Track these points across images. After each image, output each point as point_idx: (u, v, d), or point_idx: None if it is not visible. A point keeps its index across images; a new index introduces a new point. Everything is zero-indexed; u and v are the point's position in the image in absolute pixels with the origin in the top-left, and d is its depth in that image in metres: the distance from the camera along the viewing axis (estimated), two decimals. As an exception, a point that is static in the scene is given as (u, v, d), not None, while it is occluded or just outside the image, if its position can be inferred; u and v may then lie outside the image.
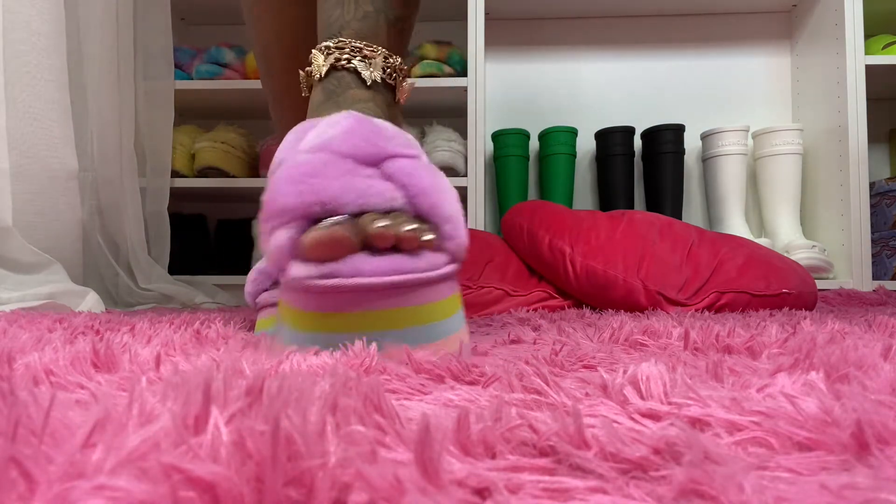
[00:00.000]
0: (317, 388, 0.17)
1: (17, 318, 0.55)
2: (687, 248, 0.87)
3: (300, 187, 0.29)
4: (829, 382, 0.23)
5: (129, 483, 0.11)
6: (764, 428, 0.17)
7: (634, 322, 0.49)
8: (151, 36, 1.35)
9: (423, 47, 1.48)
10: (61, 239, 0.98)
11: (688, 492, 0.13)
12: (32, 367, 0.26)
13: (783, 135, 1.47)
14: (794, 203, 1.48)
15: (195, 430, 0.13)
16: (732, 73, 1.66)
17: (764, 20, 1.65)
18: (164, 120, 1.38)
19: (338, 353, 0.29)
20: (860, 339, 0.36)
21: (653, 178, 1.54)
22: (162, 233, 1.36)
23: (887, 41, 1.43)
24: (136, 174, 1.27)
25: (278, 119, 0.60)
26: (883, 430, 0.16)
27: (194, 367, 0.27)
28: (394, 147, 0.31)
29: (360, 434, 0.15)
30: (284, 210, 0.28)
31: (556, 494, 0.14)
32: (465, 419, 0.16)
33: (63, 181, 0.99)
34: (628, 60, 1.68)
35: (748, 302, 0.82)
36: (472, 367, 0.28)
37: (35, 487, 0.12)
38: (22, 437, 0.13)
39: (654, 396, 0.20)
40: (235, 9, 0.62)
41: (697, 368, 0.28)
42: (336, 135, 0.31)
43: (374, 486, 0.12)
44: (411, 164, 0.31)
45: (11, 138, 0.89)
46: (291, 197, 0.29)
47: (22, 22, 0.92)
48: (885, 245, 1.46)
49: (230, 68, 1.48)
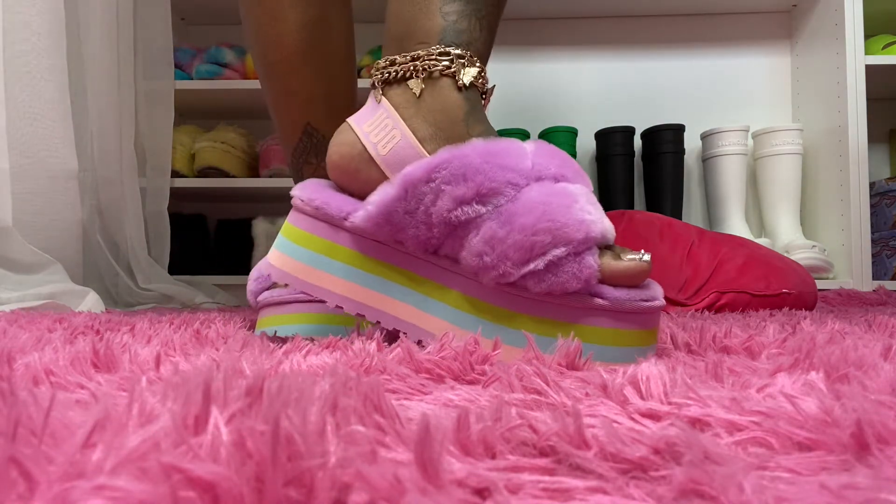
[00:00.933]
0: (317, 388, 0.17)
1: (17, 318, 0.55)
2: (687, 248, 0.88)
3: (590, 217, 0.34)
4: (829, 382, 0.23)
5: (129, 483, 0.11)
6: (764, 428, 0.17)
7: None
8: (151, 36, 1.35)
9: (423, 47, 1.47)
10: (61, 239, 0.98)
11: (688, 492, 0.13)
12: (32, 367, 0.26)
13: (783, 135, 1.47)
14: (794, 203, 1.48)
15: (195, 430, 0.13)
16: (732, 73, 1.66)
17: (764, 20, 1.65)
18: (164, 120, 1.38)
19: (337, 353, 0.29)
20: (860, 339, 0.36)
21: (653, 178, 1.54)
22: (162, 233, 1.36)
23: (887, 41, 1.43)
24: (136, 174, 1.27)
25: (279, 122, 0.60)
26: (883, 430, 0.16)
27: (194, 367, 0.27)
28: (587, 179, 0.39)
29: (360, 434, 0.15)
30: (589, 237, 0.34)
31: (556, 494, 0.14)
32: (465, 419, 0.16)
33: (63, 181, 0.99)
34: (628, 60, 1.68)
35: (748, 302, 0.82)
36: (472, 367, 0.28)
37: (35, 487, 0.12)
38: (22, 437, 0.13)
39: (654, 396, 0.20)
40: (235, 9, 0.61)
41: (697, 368, 0.28)
42: (570, 171, 0.37)
43: (374, 486, 0.12)
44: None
45: (11, 138, 0.89)
46: (588, 225, 0.34)
47: (22, 22, 0.92)
48: (885, 245, 1.46)
49: (230, 68, 1.48)
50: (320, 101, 0.59)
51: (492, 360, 0.30)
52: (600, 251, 0.35)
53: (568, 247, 0.33)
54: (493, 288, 0.35)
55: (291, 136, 0.59)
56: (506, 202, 0.35)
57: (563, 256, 0.33)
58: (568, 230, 0.33)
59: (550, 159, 0.37)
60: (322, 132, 0.59)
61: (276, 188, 1.47)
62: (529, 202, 0.34)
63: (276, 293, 0.49)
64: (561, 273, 0.33)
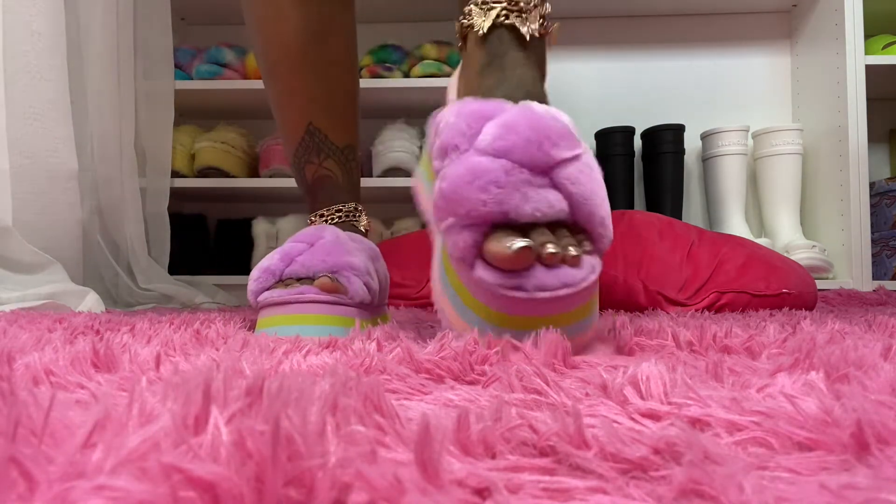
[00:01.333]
0: (317, 388, 0.17)
1: (17, 318, 0.55)
2: (687, 248, 0.88)
3: (484, 196, 0.33)
4: (829, 382, 0.23)
5: (129, 483, 0.11)
6: (764, 428, 0.17)
7: (634, 322, 0.49)
8: (151, 36, 1.35)
9: (423, 47, 1.47)
10: (61, 239, 0.98)
11: (688, 492, 0.13)
12: (32, 367, 0.26)
13: (783, 135, 1.47)
14: (794, 203, 1.48)
15: (195, 430, 0.13)
16: (732, 73, 1.66)
17: (764, 20, 1.65)
18: (164, 120, 1.38)
19: (337, 353, 0.29)
20: (860, 339, 0.36)
21: (653, 178, 1.54)
22: (162, 233, 1.36)
23: (887, 41, 1.43)
24: (136, 174, 1.27)
25: (281, 121, 0.61)
26: (883, 430, 0.16)
27: (194, 367, 0.27)
28: (562, 152, 0.35)
29: (360, 434, 0.15)
30: (470, 214, 0.33)
31: (556, 494, 0.14)
32: (465, 419, 0.16)
33: (63, 181, 0.99)
34: (628, 60, 1.68)
35: (748, 302, 0.82)
36: (472, 367, 0.28)
37: (35, 487, 0.12)
38: (22, 437, 0.13)
39: (654, 396, 0.20)
40: (235, 9, 0.62)
41: (697, 368, 0.28)
42: (517, 143, 0.34)
43: (374, 486, 0.12)
44: (576, 170, 0.35)
45: (11, 138, 0.89)
46: (478, 203, 0.33)
47: (22, 22, 0.92)
48: (885, 245, 1.46)
49: (230, 68, 1.48)
50: (322, 101, 0.59)
51: (491, 360, 0.30)
52: (504, 231, 0.34)
53: (455, 219, 0.34)
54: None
55: (293, 136, 0.59)
56: (449, 164, 0.36)
57: (452, 226, 0.34)
58: (458, 205, 0.34)
59: (506, 131, 0.35)
60: (324, 132, 0.59)
61: (276, 188, 1.47)
62: (454, 168, 0.35)
63: (277, 293, 0.49)
64: (450, 240, 0.35)
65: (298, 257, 0.50)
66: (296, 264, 0.49)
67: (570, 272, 0.34)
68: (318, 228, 0.53)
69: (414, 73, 1.46)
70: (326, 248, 0.50)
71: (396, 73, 1.46)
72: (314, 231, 0.52)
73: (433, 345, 0.31)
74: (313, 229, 0.53)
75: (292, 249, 0.50)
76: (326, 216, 0.59)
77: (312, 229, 0.53)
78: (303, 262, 0.49)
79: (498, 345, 0.32)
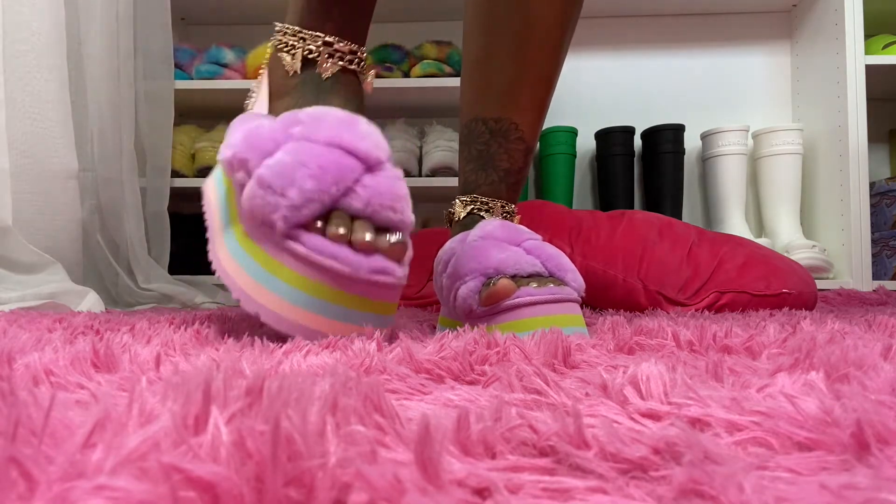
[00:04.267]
0: (317, 388, 0.17)
1: (17, 318, 0.55)
2: (687, 248, 0.87)
3: (481, 261, 0.46)
4: (829, 382, 0.23)
5: (129, 483, 0.11)
6: (764, 428, 0.17)
7: (633, 322, 0.49)
8: (151, 36, 1.35)
9: (423, 47, 1.47)
10: (61, 239, 0.98)
11: (688, 492, 0.13)
12: (32, 367, 0.26)
13: (783, 135, 1.47)
14: (793, 203, 1.48)
15: (195, 430, 0.13)
16: (732, 73, 1.66)
17: (764, 20, 1.65)
18: (164, 120, 1.38)
19: (337, 353, 0.29)
20: (860, 339, 0.36)
21: (653, 178, 1.54)
22: (162, 233, 1.36)
23: (887, 41, 1.43)
24: (136, 174, 1.27)
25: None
26: (883, 430, 0.16)
27: (194, 367, 0.27)
28: (526, 236, 0.50)
29: (360, 434, 0.15)
30: (474, 270, 0.46)
31: (556, 494, 0.14)
32: (465, 419, 0.16)
33: (63, 181, 0.99)
34: (628, 60, 1.68)
35: (748, 302, 0.82)
36: (472, 367, 0.28)
37: (35, 487, 0.12)
38: (22, 437, 0.13)
39: (654, 396, 0.20)
40: (235, 9, 0.62)
41: (697, 368, 0.28)
42: (496, 227, 0.49)
43: (374, 486, 0.12)
44: (538, 244, 0.49)
45: (11, 138, 0.89)
46: (478, 265, 0.46)
47: (22, 22, 0.92)
48: (885, 245, 1.46)
49: (230, 68, 1.48)
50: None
51: (491, 360, 0.30)
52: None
53: (458, 278, 0.47)
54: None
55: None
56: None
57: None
58: (465, 265, 0.47)
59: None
60: None
61: (276, 188, 1.47)
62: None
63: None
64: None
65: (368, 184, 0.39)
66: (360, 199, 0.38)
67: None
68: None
69: (414, 72, 1.45)
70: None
71: (396, 72, 1.46)
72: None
73: (433, 345, 0.31)
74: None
75: (348, 168, 0.38)
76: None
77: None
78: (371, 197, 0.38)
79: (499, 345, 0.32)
